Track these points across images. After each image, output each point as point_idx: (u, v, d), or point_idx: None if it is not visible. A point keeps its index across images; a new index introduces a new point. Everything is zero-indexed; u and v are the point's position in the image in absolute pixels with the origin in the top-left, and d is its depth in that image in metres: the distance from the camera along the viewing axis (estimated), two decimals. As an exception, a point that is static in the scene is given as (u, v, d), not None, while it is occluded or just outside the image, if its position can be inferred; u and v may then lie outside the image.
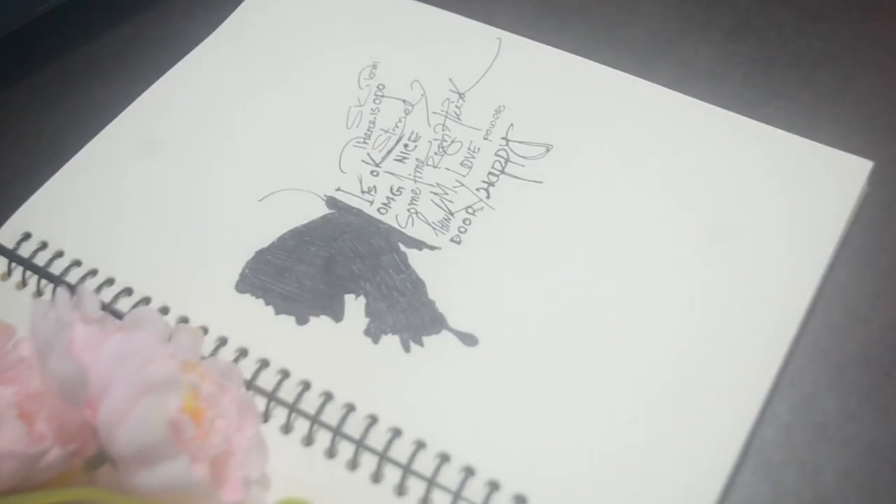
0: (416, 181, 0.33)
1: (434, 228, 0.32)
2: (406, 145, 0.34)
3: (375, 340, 0.29)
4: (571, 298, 0.29)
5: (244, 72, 0.37)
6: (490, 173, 0.33)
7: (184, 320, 0.30)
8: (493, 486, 0.25)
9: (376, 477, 0.26)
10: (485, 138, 0.34)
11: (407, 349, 0.29)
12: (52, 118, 0.38)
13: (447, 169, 0.33)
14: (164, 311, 0.30)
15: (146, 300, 0.31)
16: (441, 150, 0.34)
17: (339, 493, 0.26)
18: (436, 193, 0.33)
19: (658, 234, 0.30)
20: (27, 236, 0.33)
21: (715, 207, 0.30)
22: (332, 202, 0.33)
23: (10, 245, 0.33)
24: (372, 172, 0.33)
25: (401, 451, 0.26)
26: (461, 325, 0.29)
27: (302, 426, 0.27)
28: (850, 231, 0.30)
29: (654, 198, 0.31)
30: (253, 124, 0.35)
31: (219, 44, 0.39)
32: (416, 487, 0.26)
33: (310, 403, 0.28)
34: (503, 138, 0.34)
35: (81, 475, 0.24)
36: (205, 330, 0.29)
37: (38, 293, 0.31)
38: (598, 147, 0.33)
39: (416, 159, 0.34)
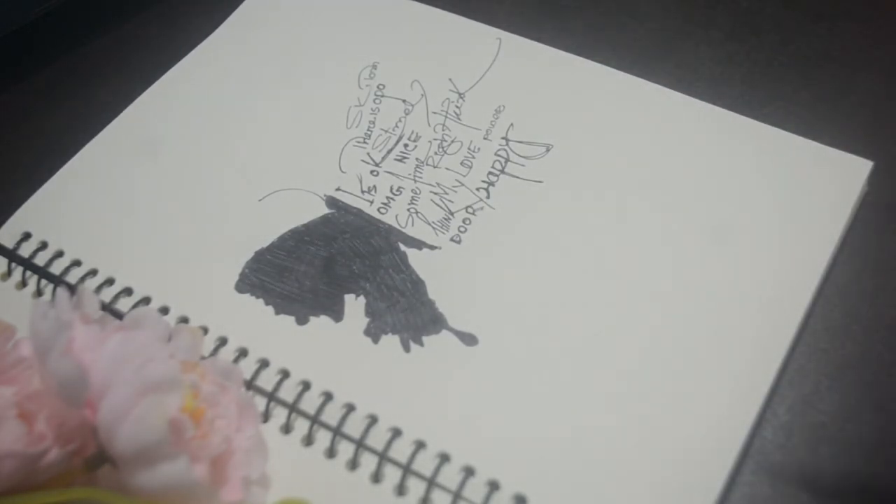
0: (416, 181, 0.33)
1: (434, 228, 0.32)
2: (406, 145, 0.34)
3: (375, 340, 0.29)
4: (571, 298, 0.29)
5: (244, 72, 0.37)
6: (490, 173, 0.33)
7: (184, 320, 0.30)
8: (493, 486, 0.25)
9: (376, 477, 0.26)
10: (485, 138, 0.34)
11: (407, 349, 0.29)
12: (52, 118, 0.38)
13: (447, 169, 0.33)
14: (164, 311, 0.30)
15: (146, 300, 0.31)
16: (441, 149, 0.34)
17: (339, 493, 0.26)
18: (436, 193, 0.33)
19: (658, 234, 0.30)
20: (27, 236, 0.33)
21: (714, 207, 0.30)
22: (331, 202, 0.33)
23: (10, 245, 0.33)
24: (372, 172, 0.33)
25: (401, 451, 0.26)
26: (461, 325, 0.29)
27: (302, 426, 0.27)
28: (850, 231, 0.30)
29: (654, 198, 0.31)
30: (253, 124, 0.35)
31: (219, 44, 0.39)
32: (416, 487, 0.26)
33: (310, 403, 0.28)
34: (503, 138, 0.34)
35: (81, 475, 0.24)
36: (205, 330, 0.29)
37: (38, 293, 0.31)
38: (598, 147, 0.33)
39: (416, 159, 0.34)
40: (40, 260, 0.32)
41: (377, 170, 0.34)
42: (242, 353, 0.29)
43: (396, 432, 0.27)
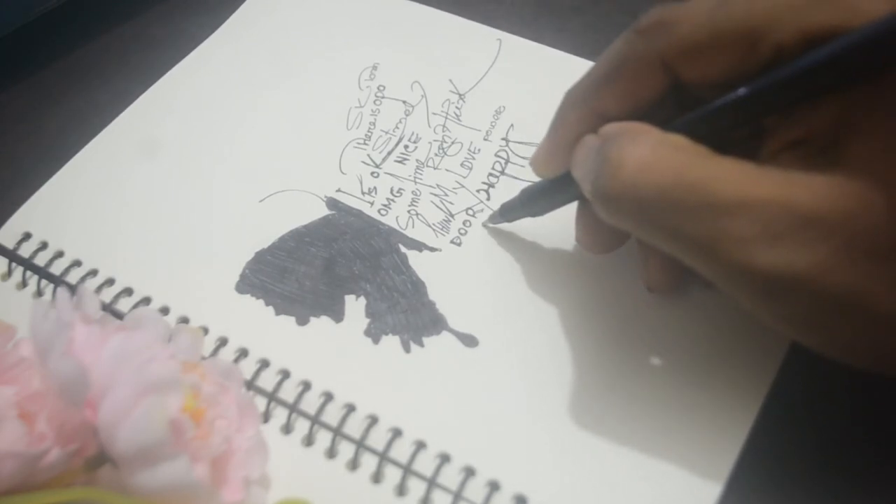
0: (416, 182, 0.33)
1: (434, 230, 0.32)
2: (406, 146, 0.34)
3: (376, 341, 0.29)
4: (572, 298, 0.29)
5: (245, 72, 0.37)
6: (490, 174, 0.33)
7: (184, 320, 0.30)
8: (493, 486, 0.25)
9: (377, 477, 0.26)
10: (485, 139, 0.34)
11: (407, 350, 0.29)
12: (53, 118, 0.38)
13: (447, 170, 0.33)
14: (165, 311, 0.30)
15: (146, 300, 0.31)
16: (441, 151, 0.34)
17: (339, 493, 0.26)
18: (436, 195, 0.33)
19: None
20: (27, 236, 0.33)
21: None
22: (332, 203, 0.33)
23: (10, 245, 0.32)
24: (372, 173, 0.33)
25: (401, 451, 0.26)
26: (461, 326, 0.29)
27: (302, 426, 0.27)
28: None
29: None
30: (253, 125, 0.35)
31: (219, 44, 0.39)
32: (417, 487, 0.26)
33: (310, 404, 0.28)
34: (503, 139, 0.34)
35: (82, 475, 0.24)
36: (205, 330, 0.29)
37: (39, 293, 0.31)
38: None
39: (417, 160, 0.34)
40: (41, 260, 0.32)
41: (377, 171, 0.34)
42: (243, 353, 0.29)
43: (397, 432, 0.27)
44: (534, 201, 0.29)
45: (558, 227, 0.31)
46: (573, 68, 0.35)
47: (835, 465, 0.26)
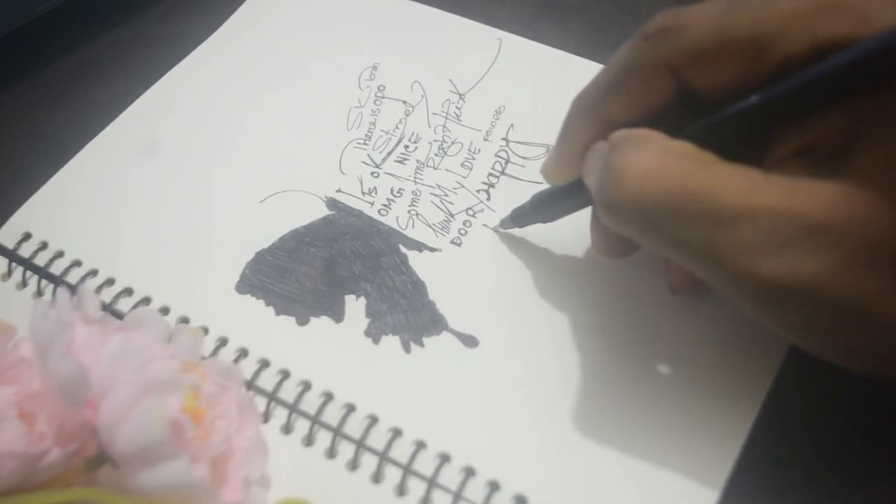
0: (416, 182, 0.33)
1: (434, 230, 0.32)
2: (406, 146, 0.34)
3: (376, 341, 0.29)
4: (572, 299, 0.29)
5: (245, 73, 0.37)
6: (490, 174, 0.33)
7: (184, 320, 0.30)
8: (493, 487, 0.25)
9: (377, 477, 0.26)
10: (485, 139, 0.34)
11: (407, 350, 0.29)
12: (53, 118, 0.38)
13: (447, 170, 0.33)
14: (165, 311, 0.30)
15: (146, 300, 0.31)
16: (441, 151, 0.34)
17: (339, 493, 0.26)
18: (436, 195, 0.33)
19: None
20: (27, 236, 0.33)
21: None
22: (332, 203, 0.33)
23: (10, 245, 0.32)
24: (372, 174, 0.33)
25: (401, 451, 0.26)
26: (461, 327, 0.29)
27: (302, 426, 0.27)
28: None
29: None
30: (253, 125, 0.35)
31: (219, 44, 0.39)
32: (417, 488, 0.26)
33: (310, 404, 0.28)
34: (503, 139, 0.34)
35: (82, 475, 0.24)
36: (205, 330, 0.29)
37: (39, 293, 0.31)
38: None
39: (417, 160, 0.34)
40: (41, 260, 0.32)
41: (378, 171, 0.34)
42: (243, 353, 0.29)
43: (397, 432, 0.27)
44: (545, 207, 0.29)
45: (558, 229, 0.31)
46: (574, 68, 0.35)
47: (833, 469, 0.26)
